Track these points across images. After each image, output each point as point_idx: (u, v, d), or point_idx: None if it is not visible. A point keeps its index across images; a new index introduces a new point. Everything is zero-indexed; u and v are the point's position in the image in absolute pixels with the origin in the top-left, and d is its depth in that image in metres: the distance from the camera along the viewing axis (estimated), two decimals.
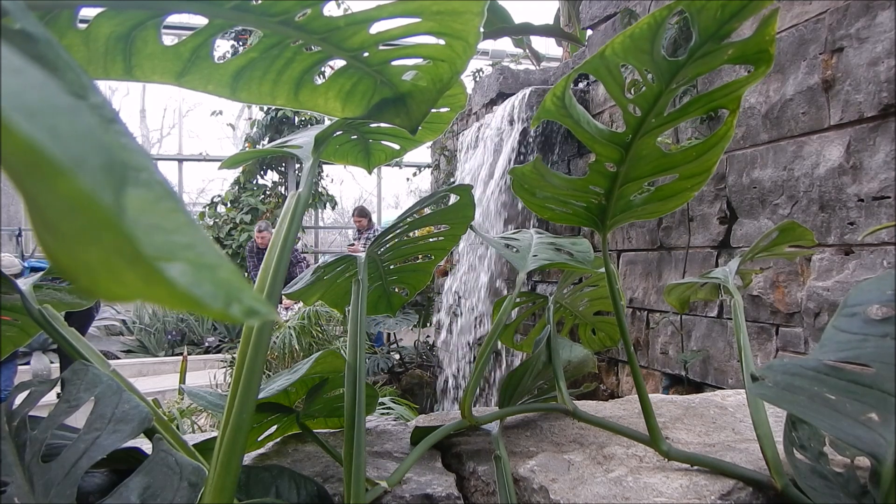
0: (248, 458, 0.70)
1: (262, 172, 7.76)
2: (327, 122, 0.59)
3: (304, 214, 0.55)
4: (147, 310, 7.21)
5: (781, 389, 0.49)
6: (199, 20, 0.41)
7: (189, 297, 0.12)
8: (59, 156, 0.11)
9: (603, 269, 0.72)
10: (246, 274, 5.97)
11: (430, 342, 5.45)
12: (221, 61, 0.46)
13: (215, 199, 7.87)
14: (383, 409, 2.69)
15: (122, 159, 0.12)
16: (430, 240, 0.83)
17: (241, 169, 7.52)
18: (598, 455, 0.67)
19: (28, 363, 3.89)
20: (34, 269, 3.92)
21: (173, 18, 0.43)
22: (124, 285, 0.12)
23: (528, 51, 6.26)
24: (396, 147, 0.69)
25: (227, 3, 0.39)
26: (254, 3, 0.39)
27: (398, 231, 0.76)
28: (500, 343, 0.88)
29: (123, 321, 7.24)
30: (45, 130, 0.11)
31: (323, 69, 0.49)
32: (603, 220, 0.65)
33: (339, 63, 0.48)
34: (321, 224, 9.33)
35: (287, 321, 4.27)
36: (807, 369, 0.49)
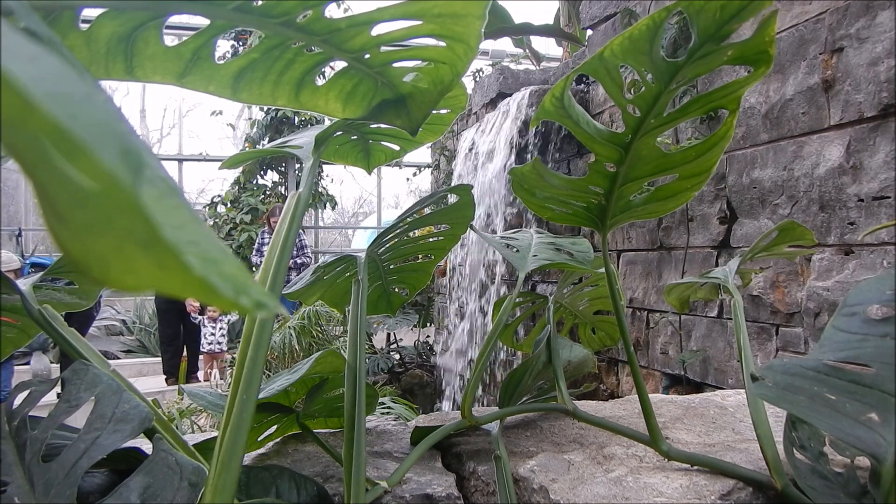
0: (248, 458, 0.70)
1: (262, 172, 7.75)
2: (327, 123, 0.59)
3: (304, 214, 0.55)
4: (147, 310, 7.21)
5: (781, 389, 0.49)
6: (201, 21, 0.42)
7: (204, 284, 0.12)
8: (82, 135, 0.11)
9: (603, 269, 0.72)
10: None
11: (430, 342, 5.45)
12: (222, 62, 0.47)
13: (215, 199, 7.86)
14: (383, 409, 2.70)
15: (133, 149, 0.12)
16: (430, 239, 0.83)
17: (241, 169, 7.51)
18: (598, 455, 0.67)
19: (28, 363, 3.88)
20: (35, 265, 3.92)
21: (174, 19, 0.43)
22: (137, 273, 0.12)
23: (528, 51, 6.26)
24: (396, 148, 0.69)
25: (228, 4, 0.39)
26: (256, 4, 0.40)
27: (398, 231, 0.76)
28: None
29: (123, 321, 7.24)
30: (65, 113, 0.11)
31: (324, 70, 0.49)
32: (603, 220, 0.65)
33: (339, 64, 0.48)
34: (321, 224, 9.32)
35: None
36: (807, 369, 0.50)
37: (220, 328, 5.19)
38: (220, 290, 0.12)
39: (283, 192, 7.70)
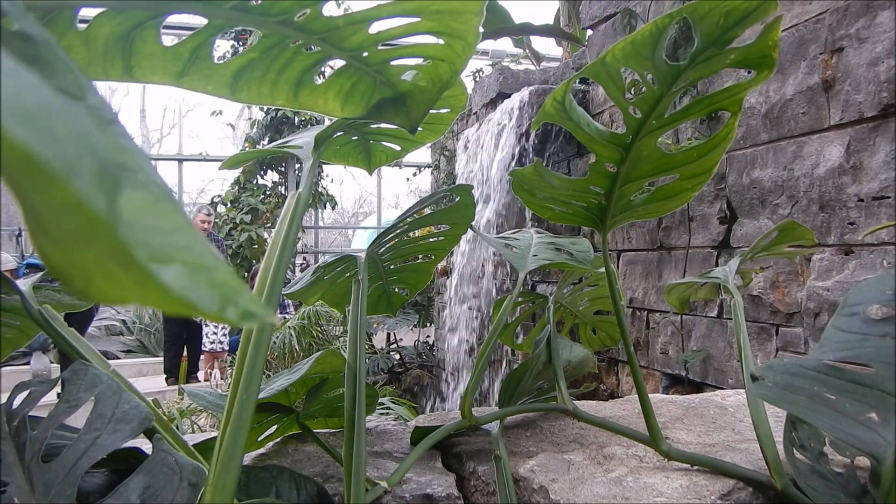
0: (248, 458, 0.70)
1: (262, 172, 7.75)
2: (327, 123, 0.59)
3: (304, 214, 0.55)
4: (147, 310, 7.22)
5: (781, 389, 0.49)
6: (199, 20, 0.41)
7: (183, 301, 0.12)
8: (52, 162, 0.11)
9: (603, 269, 0.72)
10: None
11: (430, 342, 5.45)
12: (221, 62, 0.46)
13: (215, 199, 7.86)
14: (383, 409, 2.70)
15: (118, 161, 0.12)
16: (431, 240, 0.83)
17: (241, 169, 7.51)
18: (598, 455, 0.67)
19: (28, 363, 3.89)
20: (31, 266, 3.92)
21: (173, 18, 0.43)
22: (119, 287, 0.12)
23: (528, 51, 6.26)
24: (397, 148, 0.68)
25: (226, 4, 0.39)
26: (253, 3, 0.39)
27: (398, 231, 0.76)
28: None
29: (123, 321, 7.25)
30: (40, 134, 0.11)
31: (322, 69, 0.49)
32: (603, 220, 0.65)
33: (338, 63, 0.48)
34: (321, 224, 9.33)
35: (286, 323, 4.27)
36: (807, 369, 0.49)
37: (222, 327, 5.20)
38: (201, 305, 0.12)
39: (283, 192, 7.70)
